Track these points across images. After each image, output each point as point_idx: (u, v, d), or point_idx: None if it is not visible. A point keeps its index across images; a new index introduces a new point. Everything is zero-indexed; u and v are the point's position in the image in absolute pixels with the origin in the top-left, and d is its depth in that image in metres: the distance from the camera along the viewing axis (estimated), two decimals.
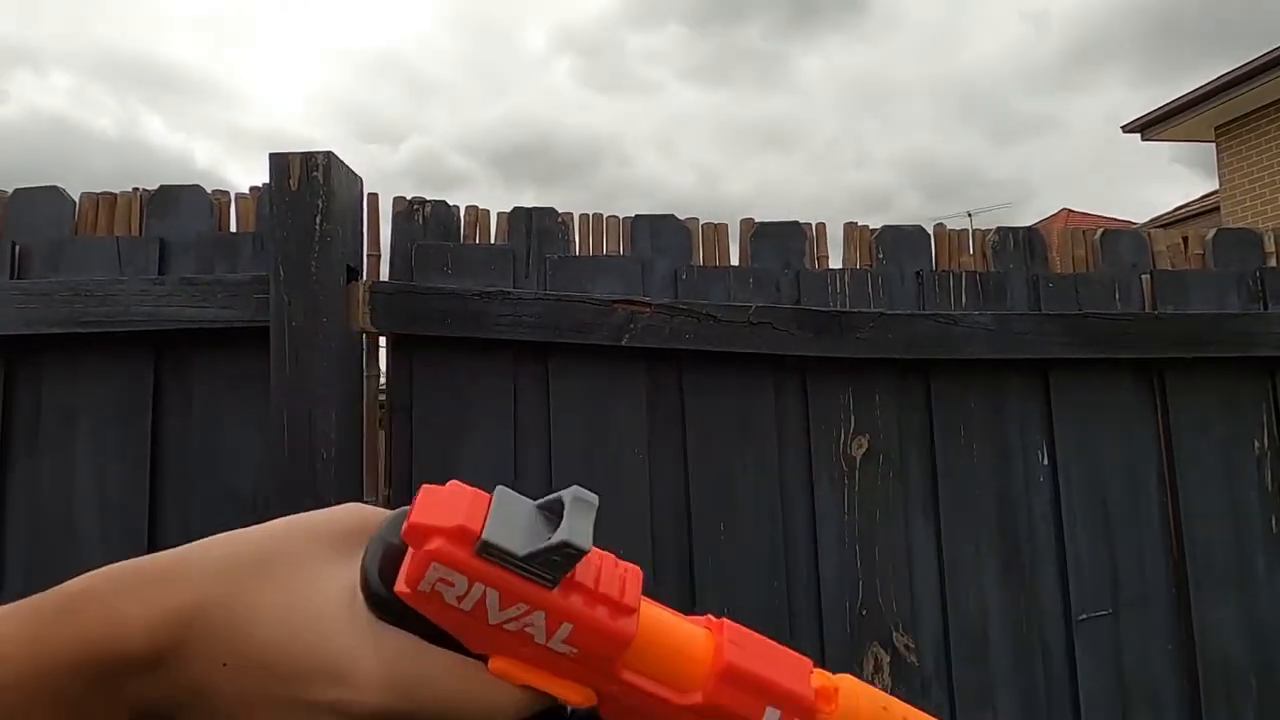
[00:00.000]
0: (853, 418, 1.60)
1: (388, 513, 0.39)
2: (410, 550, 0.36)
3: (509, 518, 0.37)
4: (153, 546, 1.41)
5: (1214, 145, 9.70)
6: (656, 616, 0.40)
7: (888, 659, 1.54)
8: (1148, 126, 10.06)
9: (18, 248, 1.46)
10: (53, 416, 1.43)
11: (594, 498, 0.38)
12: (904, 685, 1.54)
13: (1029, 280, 1.70)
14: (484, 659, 0.37)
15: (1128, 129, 10.35)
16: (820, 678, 0.42)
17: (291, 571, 0.37)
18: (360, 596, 0.37)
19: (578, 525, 0.36)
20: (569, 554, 0.36)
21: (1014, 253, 1.73)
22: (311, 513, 0.40)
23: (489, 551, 0.35)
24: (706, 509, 1.52)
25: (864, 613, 1.55)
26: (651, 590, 0.41)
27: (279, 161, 1.39)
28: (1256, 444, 1.71)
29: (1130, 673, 1.61)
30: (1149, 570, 1.65)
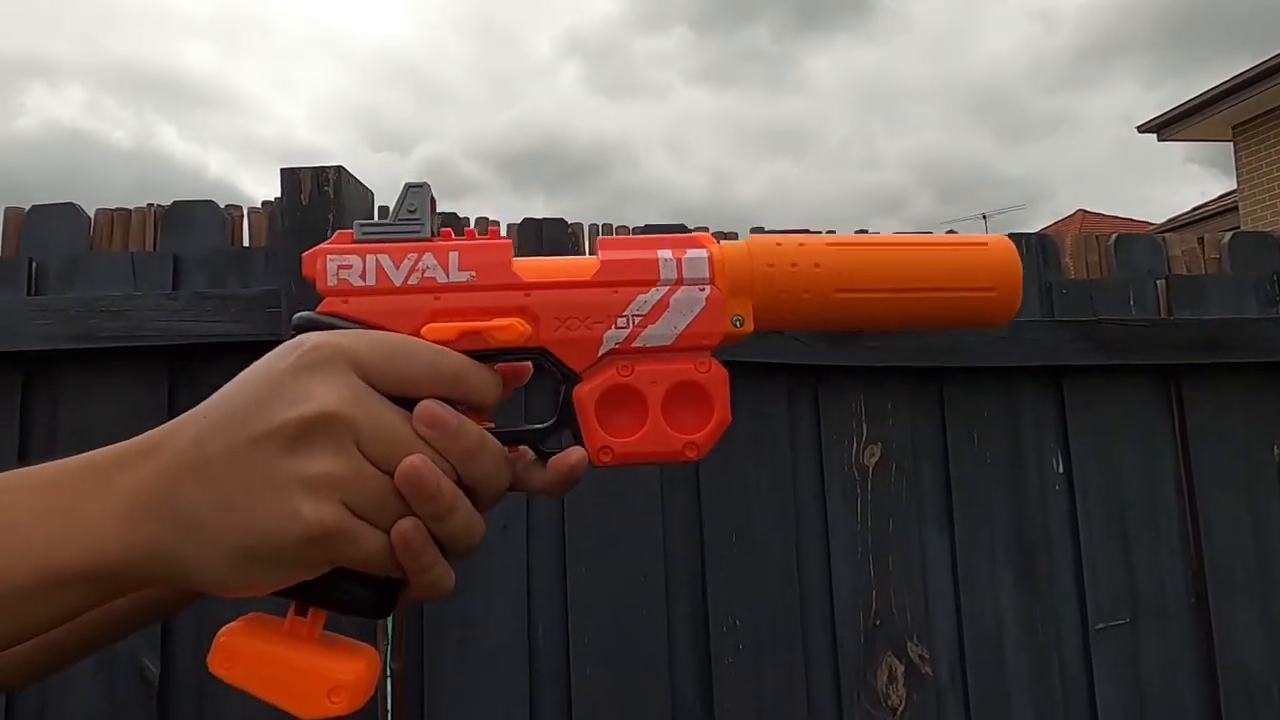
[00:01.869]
0: (865, 426, 1.59)
1: None
2: (313, 270, 0.44)
3: (376, 219, 0.45)
4: None
5: (1231, 144, 9.61)
6: (536, 257, 0.47)
7: (902, 669, 1.53)
8: (1164, 126, 9.98)
9: (34, 264, 1.48)
10: (69, 430, 1.45)
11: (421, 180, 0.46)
12: (919, 695, 1.53)
13: (1042, 286, 1.68)
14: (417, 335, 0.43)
15: (1144, 129, 10.28)
16: (701, 234, 0.48)
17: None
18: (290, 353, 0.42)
19: (413, 179, 0.44)
20: (414, 190, 0.44)
21: (1026, 259, 1.72)
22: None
23: (364, 230, 0.44)
24: (718, 518, 1.52)
25: (878, 622, 1.54)
26: (663, 598, 0.44)
27: (290, 177, 1.40)
28: (1277, 449, 1.69)
29: (1149, 683, 1.59)
30: (1167, 579, 1.63)
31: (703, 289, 0.45)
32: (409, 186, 0.44)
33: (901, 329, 0.49)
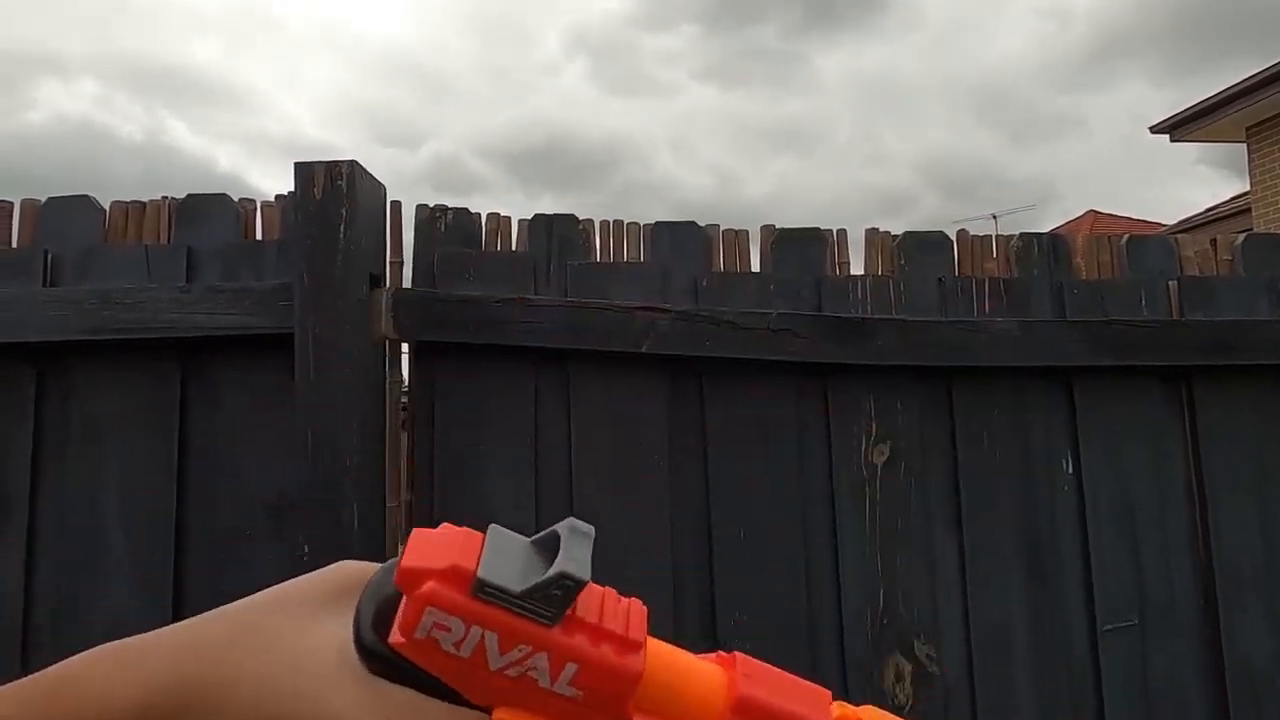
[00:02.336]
0: (874, 425, 1.59)
1: (378, 565, 0.39)
2: (404, 597, 0.35)
3: (504, 555, 0.35)
4: (179, 550, 1.43)
5: (1245, 146, 9.55)
6: (665, 652, 0.39)
7: (909, 669, 1.53)
8: (1177, 127, 9.92)
9: (50, 256, 1.49)
10: (81, 421, 1.46)
11: (589, 528, 0.36)
12: (926, 695, 1.53)
13: (1053, 286, 1.68)
14: (488, 711, 0.36)
15: (1156, 129, 10.22)
16: (840, 708, 0.41)
17: (276, 637, 0.36)
18: (353, 653, 0.36)
19: (576, 556, 0.35)
20: (567, 585, 0.35)
21: (1038, 258, 1.71)
22: (300, 577, 0.39)
23: (485, 591, 0.34)
24: (727, 516, 1.52)
25: (885, 622, 1.54)
26: (671, 597, 0.41)
27: (304, 171, 1.41)
28: None
29: (1156, 684, 1.59)
30: (1176, 580, 1.63)
31: None
32: (564, 577, 0.34)
33: None
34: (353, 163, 1.42)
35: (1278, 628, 1.63)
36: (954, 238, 1.73)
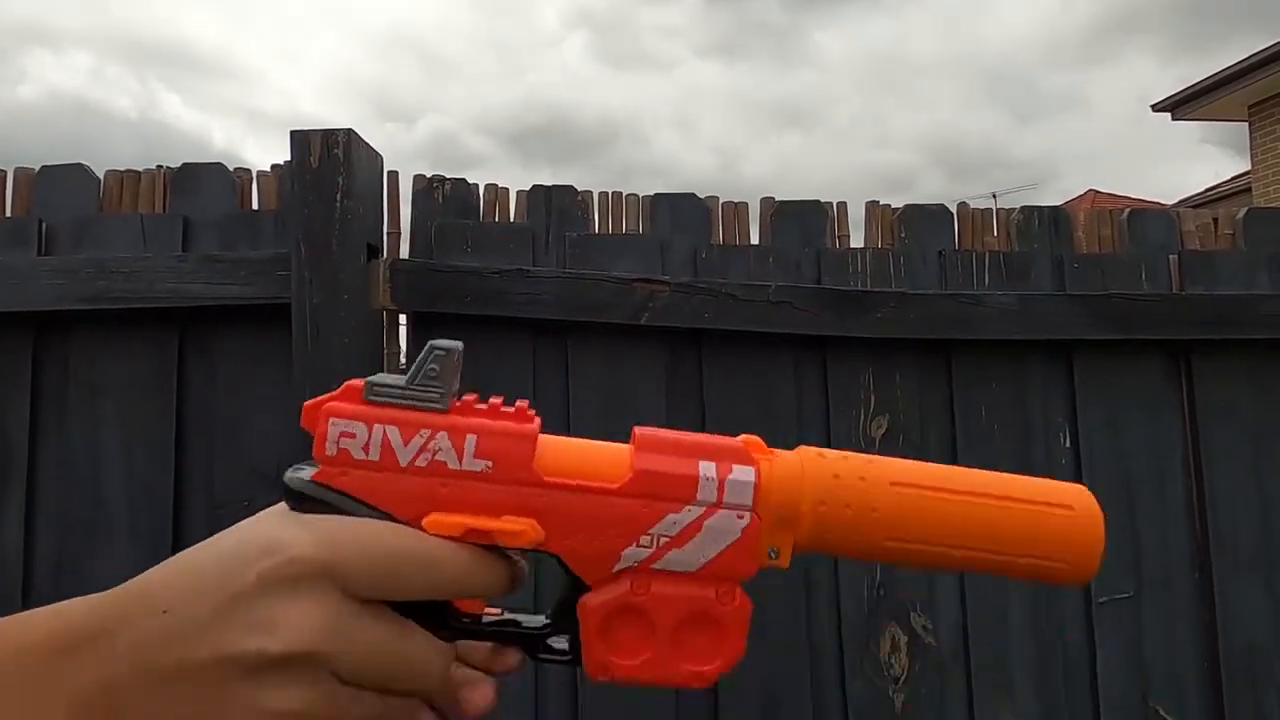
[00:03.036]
0: (873, 398, 1.59)
1: None
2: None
3: (388, 374, 0.40)
4: (178, 518, 1.43)
5: (1247, 124, 9.50)
6: (568, 440, 0.41)
7: (905, 639, 1.54)
8: (1178, 105, 9.87)
9: (45, 225, 1.48)
10: (80, 391, 1.45)
11: (457, 343, 0.40)
12: (921, 665, 1.54)
13: (1053, 260, 1.67)
14: (419, 522, 0.38)
15: (1158, 108, 10.17)
16: (763, 452, 0.42)
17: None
18: (284, 508, 0.38)
19: (442, 339, 0.39)
20: (439, 353, 0.38)
21: (1039, 232, 1.71)
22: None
23: (375, 391, 0.38)
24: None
25: (881, 593, 1.55)
26: None
27: (300, 139, 1.40)
28: None
29: (1151, 656, 1.60)
30: (1172, 553, 1.63)
31: (741, 516, 0.40)
32: (433, 347, 0.38)
33: (957, 572, 0.44)
34: (349, 131, 1.40)
35: (1273, 600, 1.64)
36: (955, 211, 1.72)
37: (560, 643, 0.41)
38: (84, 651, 0.35)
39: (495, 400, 0.40)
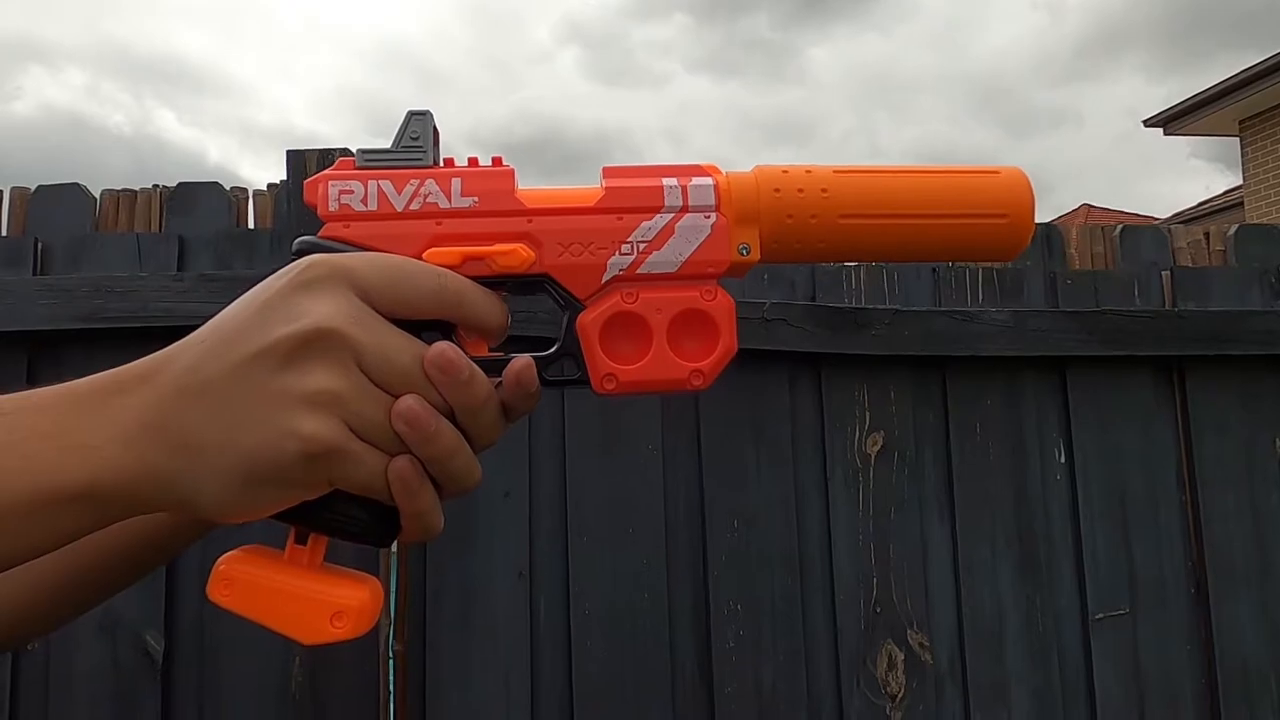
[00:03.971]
0: (867, 415, 1.59)
1: None
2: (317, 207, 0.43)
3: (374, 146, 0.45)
4: None
5: (1238, 139, 9.57)
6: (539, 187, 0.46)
7: (902, 656, 1.54)
8: (1170, 120, 9.95)
9: (40, 244, 1.48)
10: None
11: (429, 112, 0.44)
12: (918, 683, 1.53)
13: (1046, 277, 1.68)
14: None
15: (1149, 123, 10.24)
16: (708, 164, 0.47)
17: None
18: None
19: (415, 110, 0.44)
20: (417, 117, 0.43)
21: (1031, 249, 1.72)
22: None
23: (366, 157, 0.43)
24: (720, 505, 1.52)
25: (878, 610, 1.55)
26: (665, 582, 0.43)
27: (296, 159, 1.40)
28: (1278, 442, 1.69)
29: (1147, 672, 1.60)
30: (1167, 569, 1.63)
31: (708, 216, 0.45)
32: (411, 114, 0.43)
33: (910, 258, 0.48)
34: (345, 150, 1.41)
35: (1267, 616, 1.64)
36: None
37: (566, 365, 0.44)
38: (135, 387, 0.39)
39: (471, 158, 0.45)
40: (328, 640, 0.39)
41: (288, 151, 1.41)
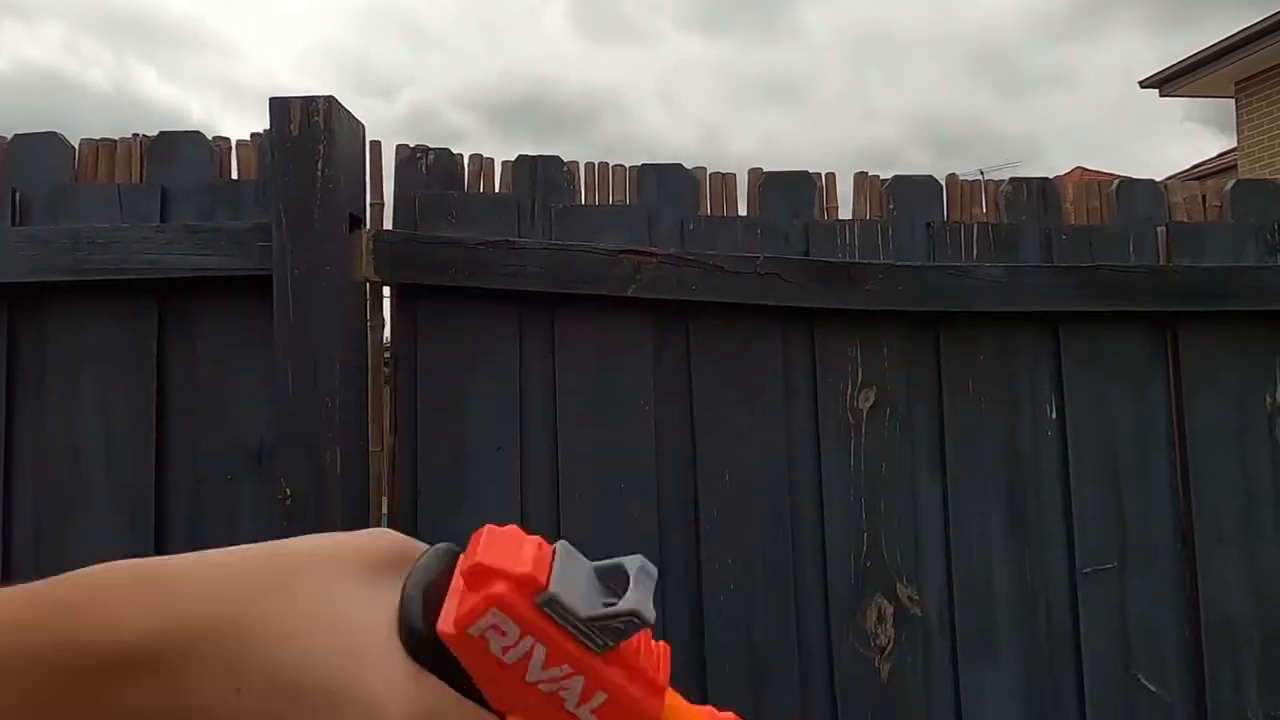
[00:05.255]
0: (860, 370, 1.58)
1: (422, 545, 0.38)
2: (465, 590, 0.35)
3: (572, 575, 0.36)
4: (159, 492, 1.41)
5: (1234, 101, 9.51)
6: (679, 705, 0.40)
7: (891, 610, 1.55)
8: (1166, 82, 9.86)
9: (18, 194, 1.45)
10: (57, 364, 1.43)
11: (655, 570, 0.37)
12: (907, 635, 1.55)
13: (1042, 232, 1.67)
14: (503, 717, 0.36)
15: (1145, 84, 10.15)
16: None
17: (320, 592, 0.34)
18: (394, 630, 0.35)
19: (644, 597, 0.35)
20: (633, 624, 0.35)
21: (1027, 204, 1.70)
22: (340, 534, 0.37)
23: (553, 607, 0.35)
24: (712, 459, 1.52)
25: (868, 564, 1.55)
26: (657, 537, 0.41)
27: (280, 106, 1.37)
28: (1269, 398, 1.69)
29: (1133, 625, 1.61)
30: (1155, 524, 1.64)
31: None
32: (640, 620, 0.35)
33: None
34: (330, 98, 1.38)
35: (1254, 573, 1.65)
36: (943, 183, 1.71)
37: None
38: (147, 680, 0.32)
39: (640, 636, 0.37)
40: None
41: (271, 99, 1.37)
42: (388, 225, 1.52)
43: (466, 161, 1.59)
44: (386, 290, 1.52)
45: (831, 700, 1.52)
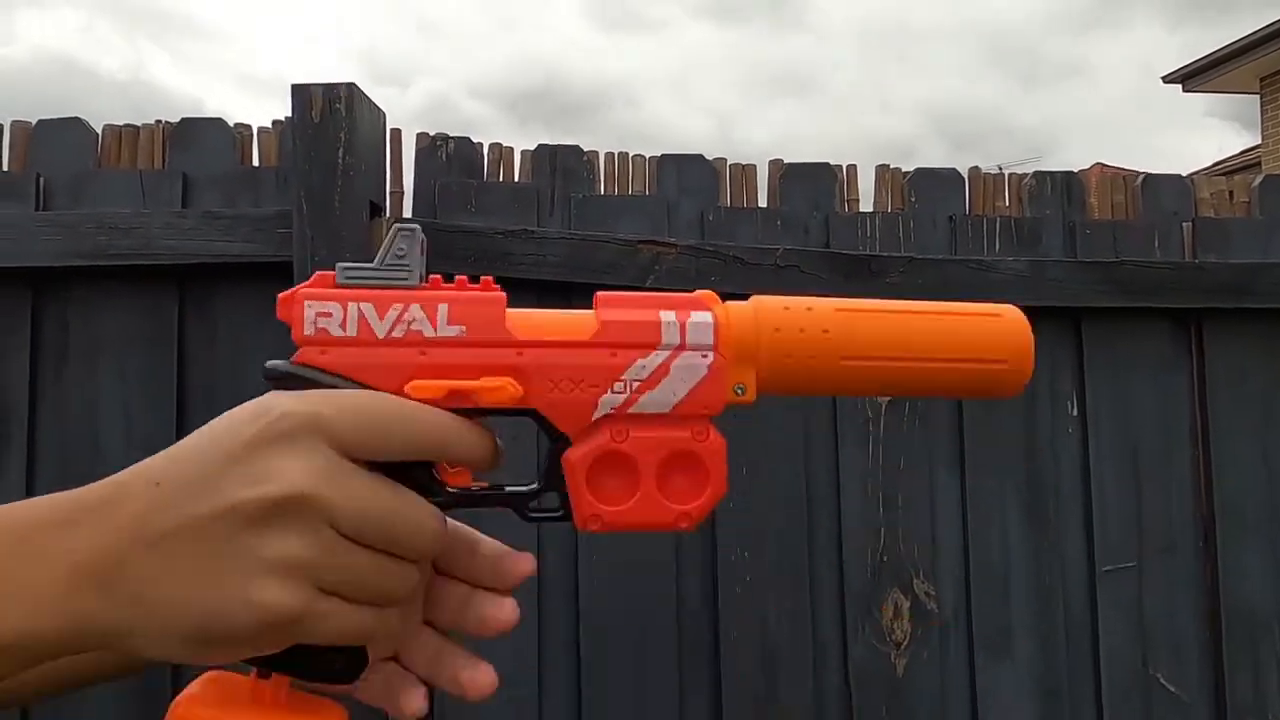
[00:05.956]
0: None
1: None
2: (287, 318, 0.40)
3: (357, 261, 0.42)
4: None
5: (1258, 97, 9.39)
6: (530, 309, 0.43)
7: (908, 604, 1.54)
8: (1189, 77, 9.75)
9: (42, 180, 1.46)
10: (79, 348, 1.44)
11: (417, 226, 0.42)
12: (923, 631, 1.54)
13: (1065, 226, 1.65)
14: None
15: (1169, 79, 10.04)
16: (707, 293, 0.45)
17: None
18: (273, 392, 0.39)
19: (407, 220, 0.41)
20: (405, 233, 0.40)
21: (1050, 198, 1.68)
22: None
23: (347, 275, 0.40)
24: (730, 449, 1.51)
25: (885, 559, 1.54)
26: (670, 534, 0.43)
27: (301, 93, 1.37)
28: None
29: (1152, 623, 1.60)
30: (1176, 522, 1.63)
31: (705, 355, 0.43)
32: (398, 229, 0.40)
33: (907, 395, 0.47)
34: (351, 85, 1.38)
35: (1276, 571, 1.63)
36: (966, 176, 1.70)
37: (550, 500, 0.42)
38: (84, 524, 0.36)
39: (460, 278, 0.42)
40: None
41: (293, 86, 1.37)
42: (407, 213, 1.52)
43: (486, 151, 1.59)
44: None
45: (846, 694, 1.52)
